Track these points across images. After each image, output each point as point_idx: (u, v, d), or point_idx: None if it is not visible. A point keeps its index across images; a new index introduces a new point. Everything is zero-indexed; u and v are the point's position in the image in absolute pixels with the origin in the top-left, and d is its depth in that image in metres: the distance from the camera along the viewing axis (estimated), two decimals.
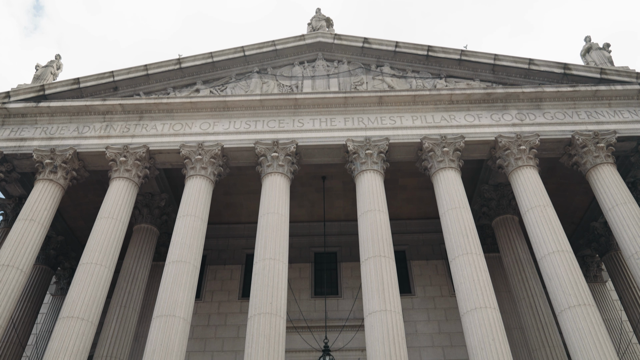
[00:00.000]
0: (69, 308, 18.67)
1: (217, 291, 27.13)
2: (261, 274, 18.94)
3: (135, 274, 23.83)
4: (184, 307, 18.47)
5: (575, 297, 18.07)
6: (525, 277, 23.31)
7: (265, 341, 17.17)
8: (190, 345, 24.69)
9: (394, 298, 18.25)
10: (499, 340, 17.09)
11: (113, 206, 21.49)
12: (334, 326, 24.70)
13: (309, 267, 27.86)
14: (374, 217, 20.43)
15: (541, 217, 20.26)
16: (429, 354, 24.43)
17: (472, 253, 19.23)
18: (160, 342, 17.42)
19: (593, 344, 16.98)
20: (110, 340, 21.92)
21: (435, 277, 27.28)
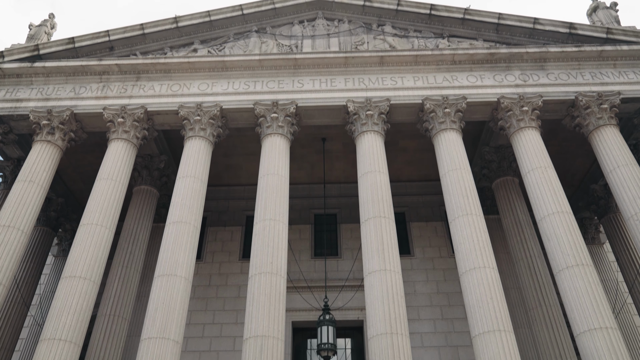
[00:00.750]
0: (71, 268, 18.84)
1: (217, 252, 27.37)
2: (261, 235, 19.02)
3: (136, 235, 23.96)
4: (185, 266, 18.63)
5: (573, 257, 18.22)
6: (524, 239, 23.47)
7: (266, 300, 17.39)
8: (192, 304, 25.07)
9: (394, 258, 18.39)
10: (497, 299, 17.32)
11: (112, 167, 21.40)
12: (333, 286, 25.03)
13: (309, 228, 28.01)
14: (374, 178, 20.38)
15: (542, 178, 20.22)
16: (427, 313, 24.85)
17: (472, 214, 19.28)
18: (162, 300, 17.65)
19: (590, 303, 17.22)
20: (113, 299, 22.23)
21: (435, 239, 27.47)
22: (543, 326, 21.45)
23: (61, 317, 17.73)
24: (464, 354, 23.60)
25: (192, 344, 24.29)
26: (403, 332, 16.79)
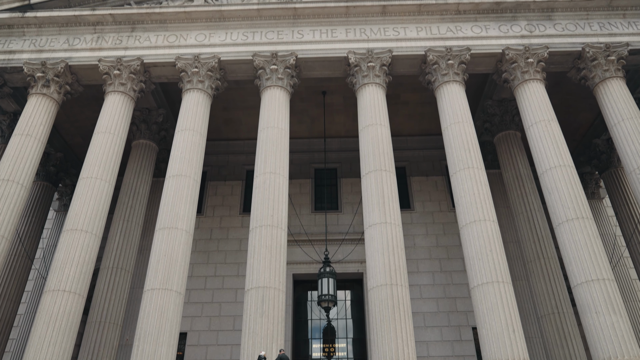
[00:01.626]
0: (72, 221, 18.89)
1: (218, 206, 27.44)
2: (262, 188, 18.97)
3: (136, 189, 23.93)
4: (186, 219, 18.67)
5: (574, 210, 18.24)
6: (525, 192, 23.46)
7: (267, 252, 17.51)
8: (193, 257, 25.34)
9: (394, 211, 18.41)
10: (496, 251, 17.45)
11: (109, 121, 21.11)
12: (334, 240, 25.22)
13: (309, 182, 27.98)
14: (375, 131, 20.14)
15: (545, 131, 19.99)
16: (427, 265, 25.15)
17: (474, 167, 19.16)
18: (164, 253, 17.78)
19: (588, 255, 17.36)
20: (115, 252, 22.43)
21: (435, 193, 27.49)
22: (540, 278, 21.75)
23: (64, 269, 17.91)
24: (462, 305, 24.04)
25: (195, 295, 24.71)
26: (403, 283, 16.99)
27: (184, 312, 23.71)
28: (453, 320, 23.73)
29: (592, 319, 16.57)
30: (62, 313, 17.06)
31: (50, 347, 16.48)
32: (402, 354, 15.65)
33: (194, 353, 23.36)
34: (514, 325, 16.13)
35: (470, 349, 22.99)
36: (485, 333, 16.27)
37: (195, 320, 24.15)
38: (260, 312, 16.40)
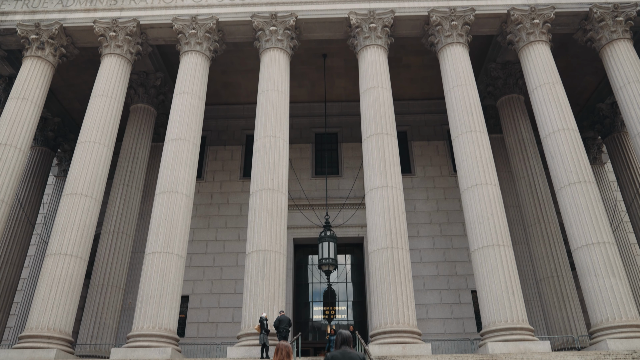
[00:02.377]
0: (72, 185, 18.80)
1: (218, 171, 27.31)
2: (262, 151, 18.80)
3: (135, 154, 23.75)
4: (186, 183, 18.58)
5: (576, 174, 18.12)
6: (527, 157, 23.30)
7: (267, 215, 17.48)
8: (194, 222, 25.37)
9: (395, 174, 18.30)
10: (497, 215, 17.41)
11: (106, 84, 20.76)
12: (334, 204, 25.21)
13: (309, 147, 27.77)
14: (376, 94, 19.82)
15: (549, 94, 19.67)
16: (427, 230, 25.21)
17: (476, 131, 18.94)
18: (165, 216, 17.76)
19: (589, 219, 17.33)
20: (116, 217, 22.44)
21: (436, 158, 27.31)
22: (540, 242, 21.82)
23: (65, 233, 17.93)
24: (461, 268, 24.22)
25: (196, 259, 24.86)
26: (403, 246, 17.03)
27: (186, 276, 23.91)
28: (452, 283, 23.95)
29: (591, 281, 16.67)
30: (64, 276, 17.16)
31: (54, 309, 16.64)
32: (402, 315, 15.81)
33: (196, 315, 23.68)
34: (514, 287, 16.24)
35: (469, 312, 23.29)
36: (485, 295, 16.40)
37: (197, 284, 24.37)
38: (261, 274, 16.49)
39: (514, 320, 15.73)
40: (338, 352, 5.96)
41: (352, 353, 5.91)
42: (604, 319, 16.13)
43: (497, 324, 15.78)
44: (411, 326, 15.84)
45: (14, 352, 16.04)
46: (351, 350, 5.97)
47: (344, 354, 5.89)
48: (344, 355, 5.87)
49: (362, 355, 6.02)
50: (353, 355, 5.86)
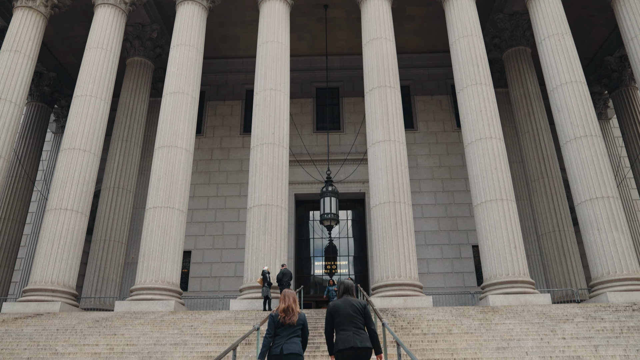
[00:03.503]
0: (69, 140, 18.52)
1: (218, 127, 26.94)
2: (262, 105, 18.41)
3: (133, 109, 23.36)
4: (185, 138, 18.29)
5: (582, 128, 17.78)
6: (532, 111, 22.90)
7: (268, 170, 17.28)
8: (195, 178, 25.25)
9: (398, 128, 17.97)
10: (501, 169, 17.20)
11: (101, 35, 20.13)
12: (335, 160, 24.96)
13: (310, 102, 27.27)
14: (379, 45, 19.23)
15: (558, 45, 19.06)
16: (429, 185, 25.07)
17: (482, 83, 18.47)
18: (165, 171, 17.57)
19: (594, 173, 17.11)
20: (115, 172, 22.27)
21: (439, 113, 26.87)
22: (543, 197, 21.71)
23: (65, 188, 17.79)
24: (463, 224, 24.23)
25: (198, 215, 24.85)
26: (406, 200, 16.90)
27: (188, 232, 23.96)
28: (453, 238, 24.00)
29: (593, 235, 16.62)
30: (65, 231, 17.14)
31: (57, 263, 16.70)
32: (404, 269, 15.85)
33: (198, 270, 23.87)
34: (516, 241, 16.21)
35: (469, 266, 23.45)
36: (487, 249, 16.39)
37: (199, 239, 24.46)
38: (263, 229, 16.44)
39: (515, 273, 15.77)
40: (340, 301, 5.87)
41: (355, 300, 5.82)
42: (604, 272, 16.18)
43: (498, 277, 15.83)
44: (413, 279, 15.91)
45: (20, 305, 16.19)
46: (353, 298, 5.88)
47: (346, 301, 5.81)
48: (346, 303, 5.79)
49: (364, 302, 5.92)
50: (355, 303, 5.78)
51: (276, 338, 5.67)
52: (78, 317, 14.06)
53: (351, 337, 5.53)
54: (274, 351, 5.58)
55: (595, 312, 12.89)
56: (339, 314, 5.72)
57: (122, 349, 9.47)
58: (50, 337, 10.94)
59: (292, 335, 5.64)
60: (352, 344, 5.47)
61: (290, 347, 5.53)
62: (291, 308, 5.74)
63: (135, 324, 12.44)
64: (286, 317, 5.68)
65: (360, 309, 5.73)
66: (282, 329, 5.68)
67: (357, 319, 5.65)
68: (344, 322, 5.66)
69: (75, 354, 9.14)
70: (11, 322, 13.15)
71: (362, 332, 5.60)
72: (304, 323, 5.75)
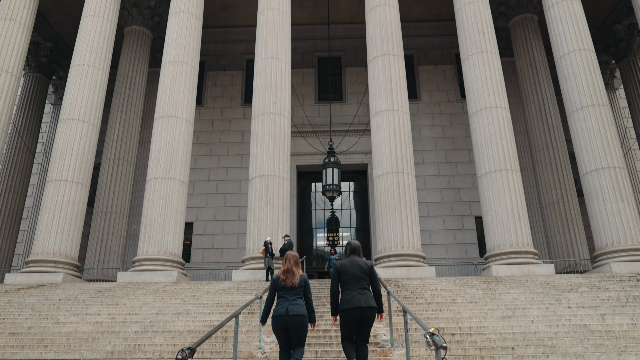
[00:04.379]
0: (68, 110, 18.24)
1: (218, 97, 26.55)
2: (263, 74, 18.04)
3: (132, 79, 22.98)
4: (185, 108, 17.99)
5: (590, 97, 17.43)
6: (538, 81, 22.47)
7: (270, 140, 17.03)
8: (196, 149, 25.02)
9: (402, 97, 17.64)
10: (506, 139, 16.92)
11: (97, 2, 19.61)
12: (338, 131, 24.67)
13: (312, 72, 26.80)
14: (383, 12, 18.71)
15: (566, 12, 18.53)
16: (432, 156, 24.82)
17: (487, 51, 18.03)
18: (165, 142, 17.34)
19: (601, 143, 16.84)
20: (115, 144, 22.06)
21: (443, 83, 26.41)
22: (547, 168, 21.48)
23: (64, 159, 17.61)
24: (465, 195, 24.07)
25: (199, 187, 24.72)
26: (409, 171, 16.70)
27: (190, 203, 23.88)
28: (456, 210, 23.88)
29: (598, 205, 16.46)
30: (66, 202, 17.03)
31: (58, 235, 16.64)
32: (407, 239, 15.75)
33: (201, 242, 23.86)
34: (520, 212, 16.05)
35: (472, 237, 23.38)
36: (491, 220, 16.26)
37: (200, 211, 24.37)
38: (265, 199, 16.30)
39: (519, 244, 15.67)
40: (347, 260, 5.90)
41: (361, 260, 5.85)
42: (609, 243, 16.07)
43: (502, 247, 15.74)
44: (416, 250, 15.83)
45: (22, 276, 16.20)
46: (360, 258, 5.90)
47: (352, 261, 5.84)
48: (353, 263, 5.81)
49: (370, 263, 5.93)
50: (362, 263, 5.81)
51: (280, 300, 5.72)
52: (80, 287, 14.05)
53: (356, 297, 5.58)
54: (278, 312, 5.62)
55: (599, 282, 12.82)
56: (346, 273, 5.76)
57: (124, 318, 9.43)
58: (53, 307, 10.91)
59: (295, 297, 5.69)
60: (357, 303, 5.52)
61: (294, 308, 5.58)
62: (292, 270, 5.77)
63: (137, 294, 12.41)
64: (287, 279, 5.72)
65: (366, 270, 5.78)
66: (284, 291, 5.73)
67: (362, 280, 5.70)
68: (349, 281, 5.71)
69: (77, 323, 9.10)
70: (14, 293, 13.15)
71: (367, 292, 5.65)
72: (305, 284, 5.80)
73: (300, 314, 5.60)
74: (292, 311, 5.57)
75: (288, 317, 5.54)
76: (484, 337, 7.54)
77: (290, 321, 5.54)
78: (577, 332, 7.77)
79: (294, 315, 5.55)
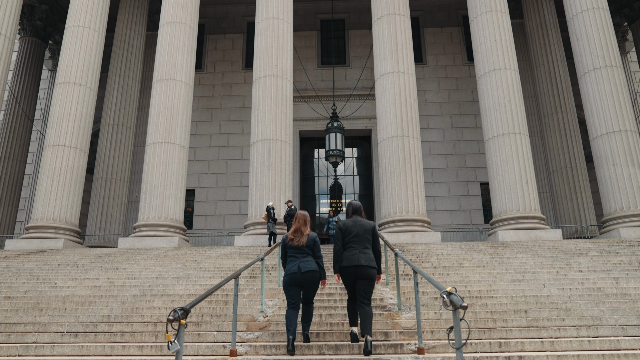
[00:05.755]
0: (64, 74, 17.75)
1: (219, 61, 25.88)
2: (264, 35, 17.42)
3: (130, 42, 22.34)
4: (184, 70, 17.46)
5: (603, 58, 16.84)
6: (548, 42, 21.77)
7: (272, 103, 16.57)
8: (197, 115, 24.55)
9: (408, 59, 17.06)
10: (515, 102, 16.43)
11: None
12: (341, 95, 24.09)
13: (315, 35, 26.02)
14: None
15: None
16: (437, 122, 24.29)
17: (497, 10, 17.34)
18: (164, 105, 16.90)
19: (612, 106, 16.36)
20: (114, 109, 21.61)
21: (449, 46, 25.63)
22: (556, 133, 21.03)
23: (62, 124, 17.22)
24: (471, 161, 23.65)
25: (200, 153, 24.34)
26: (414, 134, 16.28)
27: (191, 170, 23.57)
28: (461, 176, 23.50)
29: (608, 170, 16.09)
30: (64, 167, 16.73)
31: (58, 200, 16.40)
32: (412, 204, 15.46)
33: (203, 208, 23.63)
34: (528, 176, 15.70)
35: (477, 203, 23.08)
36: (497, 185, 15.92)
37: (202, 177, 24.06)
38: (267, 164, 15.95)
39: (527, 209, 15.37)
40: (350, 220, 5.85)
41: (363, 221, 5.82)
42: (618, 208, 15.77)
43: (508, 212, 15.45)
44: (421, 215, 15.55)
45: (23, 242, 16.04)
46: (362, 218, 5.87)
47: (355, 221, 5.80)
48: (356, 222, 5.78)
49: (372, 223, 5.87)
50: (364, 223, 5.78)
51: (291, 259, 5.82)
52: (81, 253, 13.87)
53: (357, 255, 5.61)
54: (291, 269, 5.72)
55: (609, 246, 12.55)
56: (348, 232, 5.76)
57: (122, 282, 9.22)
58: (51, 271, 10.72)
59: (305, 255, 5.78)
60: (357, 262, 5.56)
61: (306, 265, 5.70)
62: (300, 230, 5.84)
63: (138, 259, 12.21)
64: (294, 239, 5.80)
65: (369, 230, 5.75)
66: (293, 250, 5.83)
67: (364, 239, 5.70)
68: (351, 241, 5.71)
69: (75, 287, 8.89)
70: (13, 258, 12.98)
71: (368, 251, 5.67)
72: (314, 243, 5.87)
73: (313, 269, 5.70)
74: (305, 268, 5.67)
75: (301, 274, 5.65)
76: (495, 300, 7.29)
77: (304, 278, 5.66)
78: (591, 295, 7.52)
79: (306, 272, 5.66)
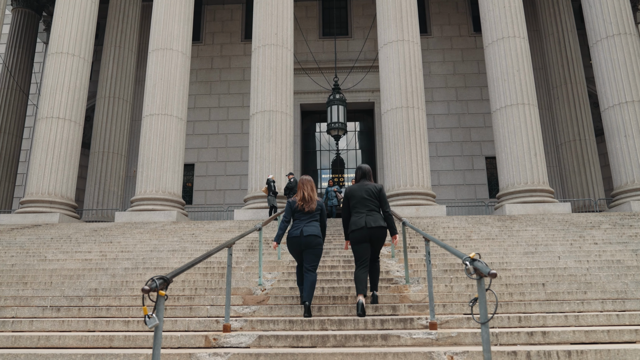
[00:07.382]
0: (56, 43, 17.13)
1: (217, 33, 25.12)
2: (263, 2, 16.72)
3: (125, 12, 21.63)
4: (181, 40, 16.82)
5: (617, 25, 16.16)
6: (558, 11, 21.00)
7: (272, 74, 15.97)
8: (195, 88, 23.95)
9: (412, 27, 16.38)
10: (524, 71, 15.81)
11: None
12: (343, 67, 23.41)
13: (316, 5, 25.18)
14: None
15: None
16: (442, 94, 23.65)
17: None
18: (160, 76, 16.31)
19: (626, 75, 15.75)
20: (110, 81, 21.02)
21: (455, 16, 24.81)
22: (565, 105, 20.43)
23: (55, 95, 16.68)
24: (476, 134, 23.10)
25: (200, 127, 23.80)
26: (419, 105, 15.72)
27: (190, 144, 23.08)
28: (466, 149, 22.97)
29: (620, 142, 15.58)
30: (59, 140, 16.25)
31: (52, 174, 15.98)
32: (416, 177, 15.00)
33: (202, 183, 23.21)
34: (536, 148, 15.19)
35: (481, 178, 22.61)
36: (505, 157, 15.42)
37: (201, 152, 23.57)
38: (267, 136, 15.45)
39: (535, 181, 14.90)
40: (357, 185, 5.69)
41: (370, 184, 5.65)
42: (629, 181, 15.31)
43: (516, 185, 14.99)
44: (425, 188, 15.10)
45: (17, 217, 15.67)
46: (370, 182, 5.69)
47: (361, 185, 5.65)
48: (362, 187, 5.63)
49: (379, 186, 5.69)
50: (370, 187, 5.62)
51: (295, 222, 5.79)
52: (76, 227, 13.49)
53: (363, 218, 5.50)
54: (293, 233, 5.69)
55: (621, 219, 12.12)
56: (354, 197, 5.65)
57: (115, 256, 8.83)
58: (43, 245, 10.34)
59: (311, 219, 5.73)
60: (363, 224, 5.46)
61: (309, 229, 5.64)
62: (309, 196, 5.76)
63: (133, 232, 11.83)
64: (304, 204, 5.74)
65: (375, 192, 5.60)
66: (299, 214, 5.77)
67: (371, 202, 5.58)
68: (357, 205, 5.60)
69: (65, 260, 8.51)
70: (6, 232, 12.60)
71: (375, 213, 5.56)
72: (322, 209, 5.84)
73: (315, 234, 5.63)
74: (307, 232, 5.61)
75: (302, 238, 5.60)
76: (509, 273, 6.88)
77: (305, 241, 5.60)
78: (611, 267, 7.10)
79: (308, 236, 5.60)
